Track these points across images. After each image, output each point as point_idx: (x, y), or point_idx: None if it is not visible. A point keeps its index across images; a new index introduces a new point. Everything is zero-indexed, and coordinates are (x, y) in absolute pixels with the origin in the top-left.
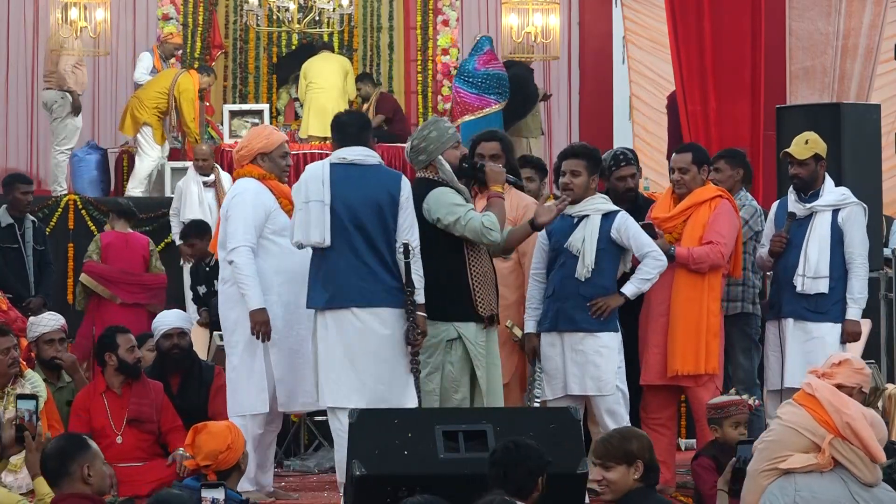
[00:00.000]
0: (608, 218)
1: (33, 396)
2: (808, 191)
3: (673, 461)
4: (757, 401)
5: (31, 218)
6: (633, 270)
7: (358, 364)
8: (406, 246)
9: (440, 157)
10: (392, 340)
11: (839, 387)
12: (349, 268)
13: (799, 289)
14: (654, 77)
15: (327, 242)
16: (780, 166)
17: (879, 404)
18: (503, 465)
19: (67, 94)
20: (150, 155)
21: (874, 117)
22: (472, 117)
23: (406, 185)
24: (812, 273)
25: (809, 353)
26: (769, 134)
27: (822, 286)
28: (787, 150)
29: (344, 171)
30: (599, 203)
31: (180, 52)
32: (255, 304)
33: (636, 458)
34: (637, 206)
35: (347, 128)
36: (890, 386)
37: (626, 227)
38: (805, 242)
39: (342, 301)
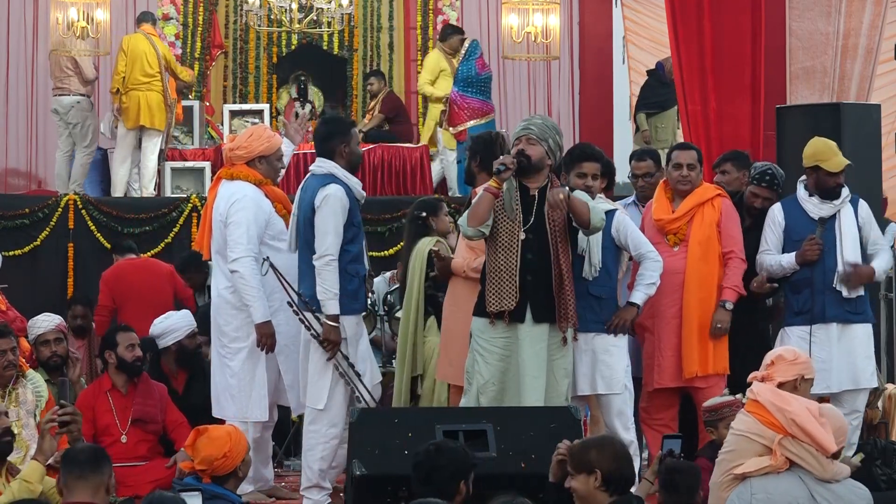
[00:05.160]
0: (608, 217)
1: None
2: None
3: None
4: None
5: None
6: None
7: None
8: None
9: None
10: (304, 341)
11: (781, 384)
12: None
13: (845, 294)
14: None
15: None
16: (781, 167)
17: (879, 404)
18: (426, 468)
19: (84, 97)
20: (156, 143)
21: (874, 117)
22: (481, 122)
23: (321, 194)
24: None
25: (850, 353)
26: (769, 134)
27: (861, 288)
28: (833, 168)
29: (306, 181)
30: (601, 203)
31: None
32: (260, 317)
33: (594, 467)
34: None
35: (316, 140)
36: (890, 386)
37: (625, 227)
38: (839, 245)
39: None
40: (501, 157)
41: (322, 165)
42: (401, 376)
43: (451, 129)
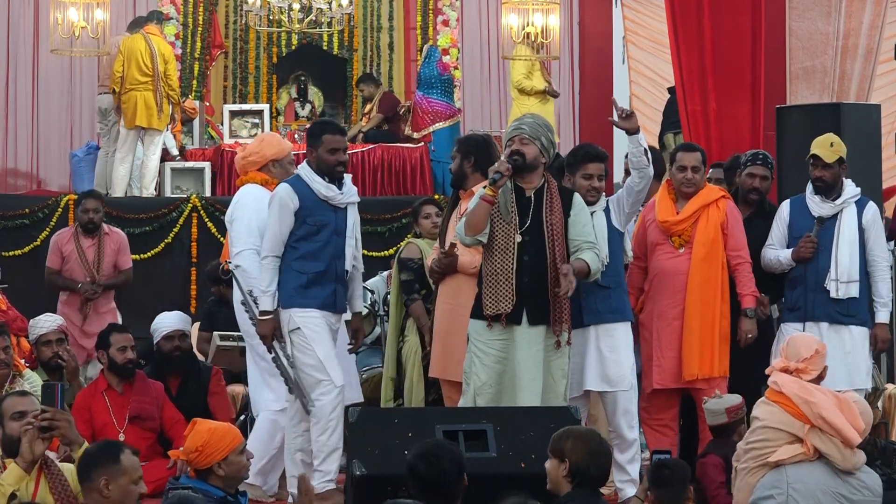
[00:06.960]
0: (605, 212)
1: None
2: (831, 193)
3: None
4: None
5: None
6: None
7: None
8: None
9: None
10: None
11: (815, 379)
12: None
13: (833, 294)
14: (654, 77)
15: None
16: (781, 167)
17: (879, 404)
18: (433, 474)
19: None
20: (157, 143)
21: (874, 117)
22: (446, 124)
23: (273, 195)
24: (845, 277)
25: (844, 353)
26: (769, 134)
27: (854, 290)
28: (814, 152)
29: None
30: (601, 201)
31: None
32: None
33: (566, 456)
34: (764, 211)
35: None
36: (890, 386)
37: (615, 201)
38: (835, 246)
39: None
40: (496, 164)
41: (300, 166)
42: (387, 377)
43: (415, 133)
